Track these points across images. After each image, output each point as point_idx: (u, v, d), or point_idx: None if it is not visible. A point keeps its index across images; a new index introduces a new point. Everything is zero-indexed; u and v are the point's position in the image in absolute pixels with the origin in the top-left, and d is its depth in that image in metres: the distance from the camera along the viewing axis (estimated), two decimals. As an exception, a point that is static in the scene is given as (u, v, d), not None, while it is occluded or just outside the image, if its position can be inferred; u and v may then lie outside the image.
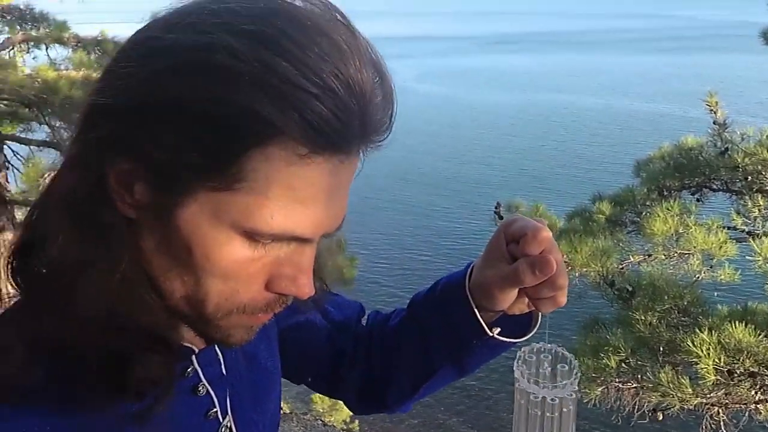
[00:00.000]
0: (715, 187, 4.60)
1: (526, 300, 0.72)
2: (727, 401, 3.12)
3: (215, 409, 0.69)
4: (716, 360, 2.99)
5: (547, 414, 0.63)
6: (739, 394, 3.04)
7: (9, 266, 0.62)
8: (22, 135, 6.32)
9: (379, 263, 12.65)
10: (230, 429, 0.71)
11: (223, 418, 0.70)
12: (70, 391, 0.58)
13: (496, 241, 0.73)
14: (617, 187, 5.13)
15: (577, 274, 4.36)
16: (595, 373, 3.75)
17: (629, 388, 3.54)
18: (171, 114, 0.54)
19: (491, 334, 0.74)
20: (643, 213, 4.67)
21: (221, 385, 0.70)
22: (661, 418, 3.40)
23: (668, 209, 4.24)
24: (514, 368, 0.66)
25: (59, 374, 0.58)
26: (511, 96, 31.90)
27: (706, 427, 3.31)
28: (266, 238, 0.57)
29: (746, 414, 3.17)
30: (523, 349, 0.69)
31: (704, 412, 3.24)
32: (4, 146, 6.26)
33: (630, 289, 4.08)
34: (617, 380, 3.62)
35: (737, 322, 3.05)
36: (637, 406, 3.47)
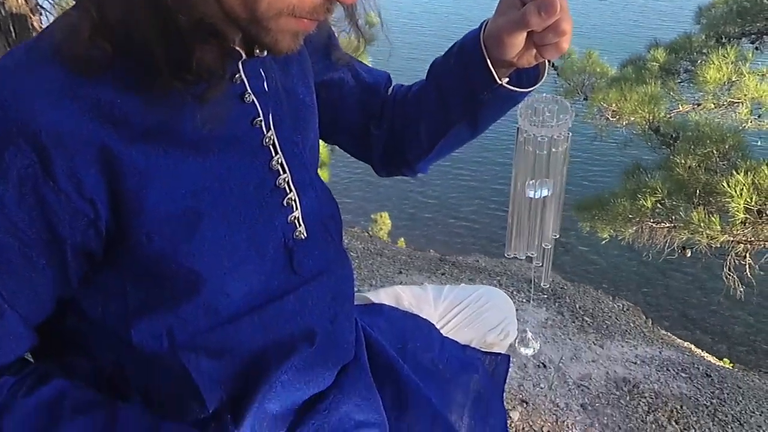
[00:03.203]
0: (776, 33, 4.46)
1: (534, 52, 0.77)
2: (752, 239, 3.26)
3: (260, 118, 0.75)
4: (748, 200, 3.10)
5: (538, 152, 0.79)
6: (765, 232, 3.18)
7: None
8: None
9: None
10: (273, 142, 0.77)
11: (267, 131, 0.76)
12: (137, 71, 0.64)
13: None
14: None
15: (624, 122, 4.41)
16: (632, 214, 3.92)
17: (662, 228, 3.71)
18: None
19: (500, 82, 0.80)
20: (699, 61, 4.60)
21: (264, 100, 0.76)
22: (689, 254, 3.59)
23: (724, 56, 4.16)
24: (518, 110, 0.79)
25: (126, 54, 0.63)
26: (577, -59, 29.75)
27: (730, 264, 3.49)
28: None
29: (770, 251, 3.33)
30: (531, 97, 0.80)
31: (730, 249, 3.41)
32: None
33: (674, 134, 4.14)
34: (651, 221, 3.79)
35: (774, 165, 3.13)
36: (667, 244, 3.66)
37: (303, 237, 0.80)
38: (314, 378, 0.83)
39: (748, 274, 3.65)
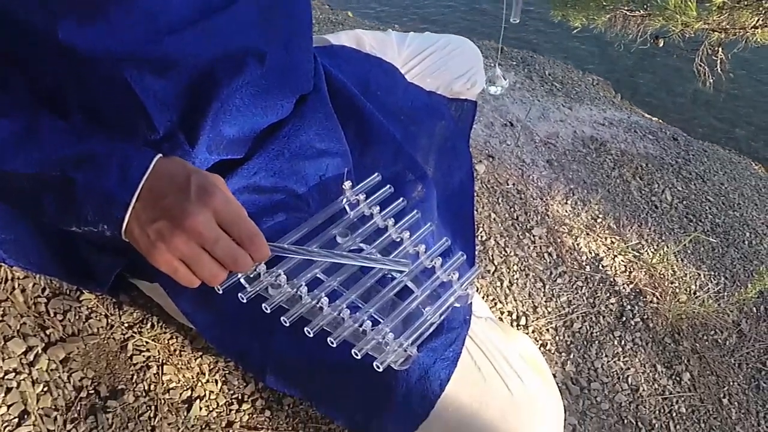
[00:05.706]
0: None
1: None
2: (728, 26, 3.18)
3: None
4: (727, -16, 2.98)
5: None
6: (742, 18, 3.09)
7: None
8: None
9: None
10: None
11: None
12: None
13: None
14: None
15: None
16: (606, 1, 3.78)
17: (636, 16, 3.59)
18: None
19: None
20: None
21: None
22: (661, 44, 3.51)
23: None
24: None
25: None
26: None
27: (702, 56, 3.44)
28: None
29: (743, 40, 3.26)
30: None
31: (704, 38, 3.33)
32: None
33: None
34: (625, 8, 3.65)
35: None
36: (640, 33, 3.56)
37: None
38: (271, 104, 0.79)
39: (719, 69, 3.60)
